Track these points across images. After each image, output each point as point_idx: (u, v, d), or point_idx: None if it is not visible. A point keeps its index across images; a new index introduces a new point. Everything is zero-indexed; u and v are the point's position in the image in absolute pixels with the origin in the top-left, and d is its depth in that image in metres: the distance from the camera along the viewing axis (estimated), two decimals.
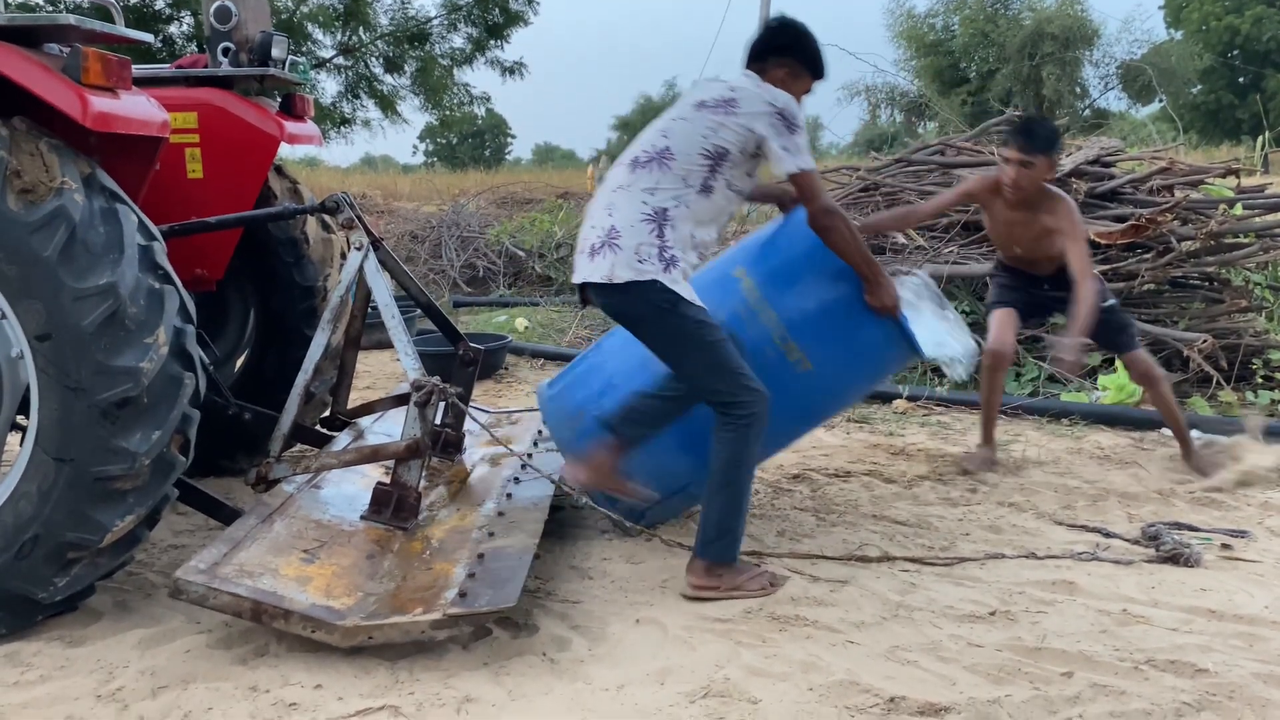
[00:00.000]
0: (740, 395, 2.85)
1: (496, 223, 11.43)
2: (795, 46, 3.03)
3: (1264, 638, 2.76)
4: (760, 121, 2.85)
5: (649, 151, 2.92)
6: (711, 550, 2.94)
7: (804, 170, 2.87)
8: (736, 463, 2.89)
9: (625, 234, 2.85)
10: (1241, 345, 5.32)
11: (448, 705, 2.37)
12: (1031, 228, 4.07)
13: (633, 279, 2.82)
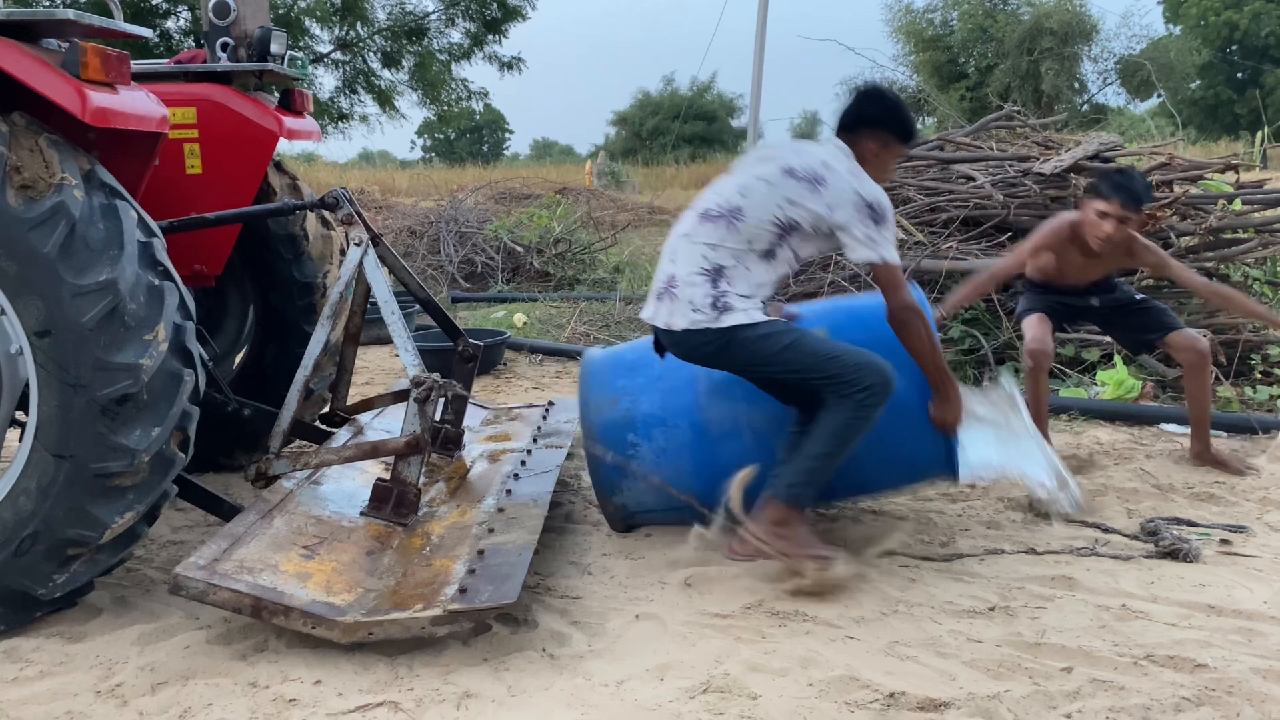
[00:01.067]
0: (847, 374, 2.84)
1: (494, 218, 11.41)
2: (887, 118, 3.04)
3: (1263, 633, 2.76)
4: (843, 211, 2.86)
5: (721, 207, 2.94)
6: (790, 493, 2.94)
7: (886, 262, 2.86)
8: (848, 425, 2.87)
9: (682, 285, 2.93)
10: (1240, 341, 5.32)
11: (447, 701, 2.38)
12: (1105, 268, 4.12)
13: (688, 328, 2.91)
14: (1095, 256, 4.05)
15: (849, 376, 2.84)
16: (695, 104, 41.20)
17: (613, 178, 23.25)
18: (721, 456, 3.23)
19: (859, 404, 2.84)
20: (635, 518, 3.48)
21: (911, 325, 2.92)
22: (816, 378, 2.87)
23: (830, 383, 2.86)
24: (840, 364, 2.85)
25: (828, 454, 2.90)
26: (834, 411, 2.87)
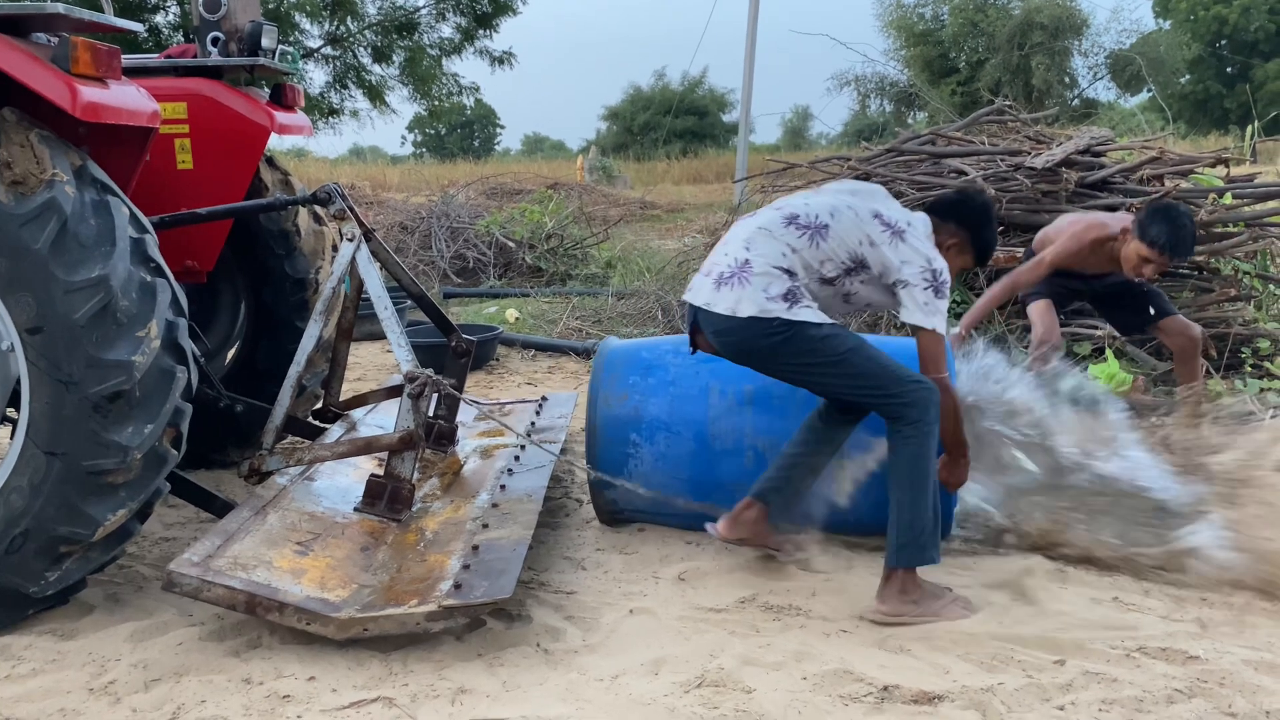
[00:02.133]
0: (900, 389, 2.78)
1: (486, 213, 11.39)
2: (977, 228, 3.04)
3: (1253, 625, 2.78)
4: (911, 269, 2.84)
5: (811, 219, 2.89)
6: (905, 555, 2.80)
7: (934, 330, 2.84)
8: (918, 458, 2.79)
9: (758, 273, 2.82)
10: (1231, 334, 5.34)
11: (442, 697, 2.38)
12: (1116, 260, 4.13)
13: (756, 315, 2.78)
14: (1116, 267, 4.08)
15: (908, 395, 2.78)
16: (687, 99, 41.15)
17: (604, 173, 23.24)
18: (720, 472, 3.25)
19: (917, 425, 2.77)
20: (624, 514, 3.49)
21: (948, 404, 2.88)
22: (872, 389, 2.81)
23: (887, 398, 2.80)
24: (898, 379, 2.80)
25: (916, 494, 2.79)
26: (901, 445, 2.80)
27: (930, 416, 2.78)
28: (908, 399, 2.77)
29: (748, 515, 3.04)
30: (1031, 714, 2.32)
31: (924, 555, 2.80)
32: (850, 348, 2.80)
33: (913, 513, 2.78)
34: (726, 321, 2.82)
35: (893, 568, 2.79)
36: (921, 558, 2.79)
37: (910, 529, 2.78)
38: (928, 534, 2.79)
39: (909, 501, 2.79)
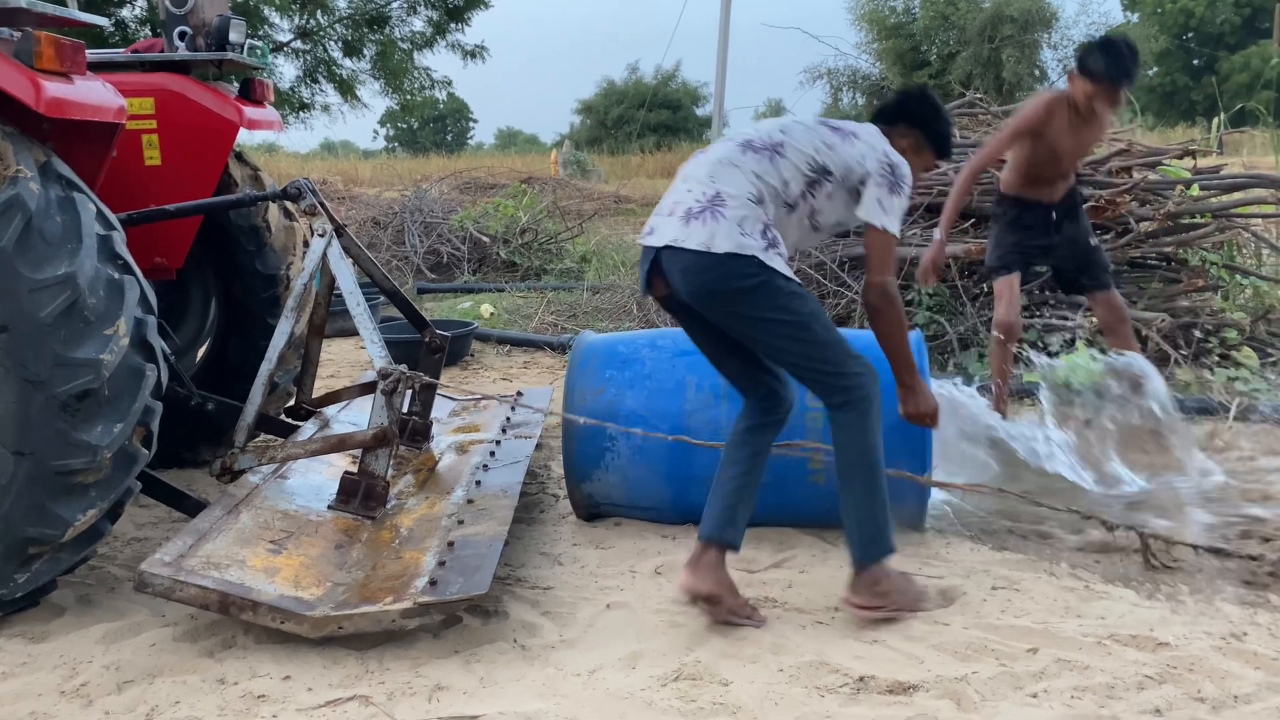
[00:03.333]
0: (849, 367, 2.64)
1: (460, 208, 11.34)
2: (928, 123, 2.89)
3: (1223, 612, 2.81)
4: (871, 162, 2.69)
5: (765, 141, 2.72)
6: (871, 550, 2.71)
7: (886, 230, 2.68)
8: (865, 449, 2.67)
9: (730, 203, 2.61)
10: (1198, 324, 5.41)
11: (419, 694, 2.37)
12: (1094, 129, 4.14)
13: (733, 251, 2.55)
14: (1085, 119, 4.06)
15: (855, 376, 2.65)
16: (660, 92, 41.13)
17: (578, 167, 23.16)
18: (696, 465, 3.24)
19: (861, 410, 2.65)
20: (601, 509, 3.49)
21: (886, 313, 2.72)
22: (821, 361, 2.65)
23: (835, 375, 2.65)
24: (850, 356, 2.66)
25: (870, 486, 2.69)
26: (848, 438, 2.68)
27: (873, 403, 2.66)
28: (853, 380, 2.65)
29: (707, 560, 2.75)
30: (1004, 702, 2.34)
31: (886, 546, 2.73)
32: (812, 311, 2.66)
33: (870, 506, 2.70)
34: (700, 259, 2.58)
35: (861, 563, 2.72)
36: (884, 549, 2.73)
37: (872, 523, 2.70)
38: (884, 524, 2.72)
39: (864, 495, 2.69)
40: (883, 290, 2.70)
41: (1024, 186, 4.26)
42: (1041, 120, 4.12)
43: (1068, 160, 4.21)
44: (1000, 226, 4.38)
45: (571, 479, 3.45)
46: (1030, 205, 4.26)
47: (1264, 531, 3.37)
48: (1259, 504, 3.60)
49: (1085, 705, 2.33)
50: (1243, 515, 3.49)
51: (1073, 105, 4.04)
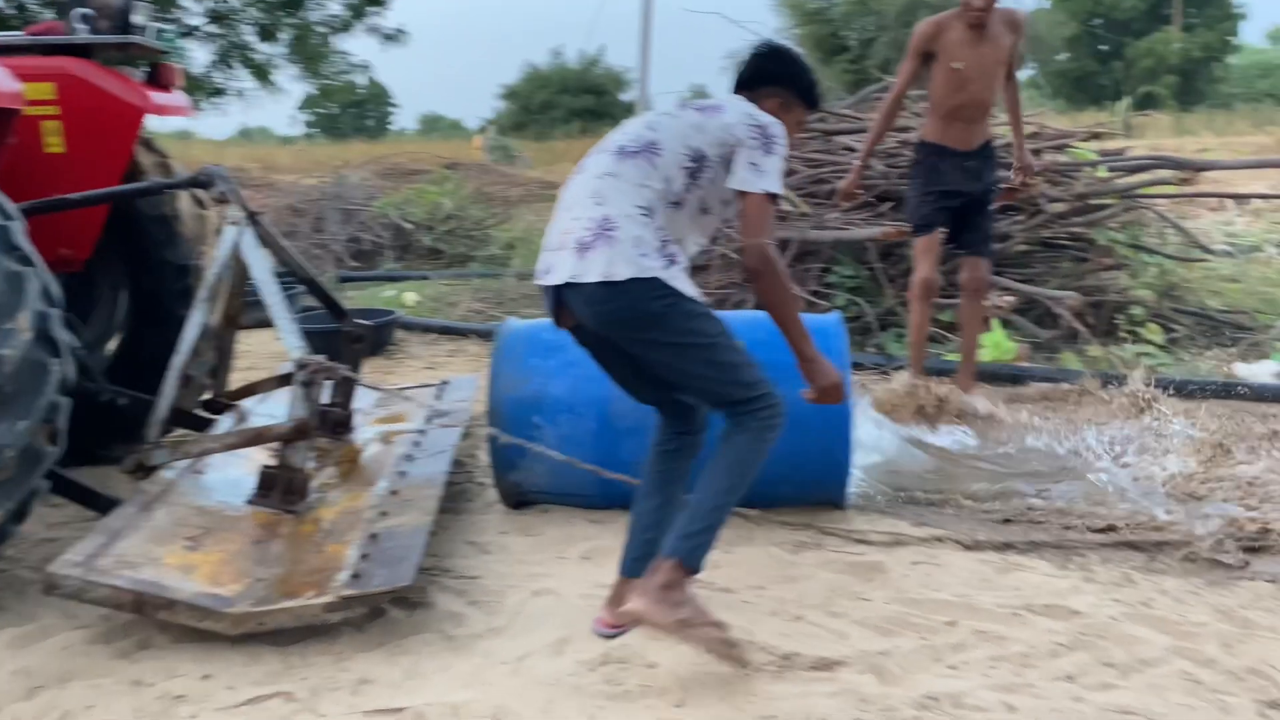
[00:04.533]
0: (757, 391, 2.47)
1: (382, 195, 11.17)
2: (788, 76, 2.75)
3: (1134, 582, 2.92)
4: (740, 128, 2.54)
5: (637, 142, 2.57)
6: (691, 550, 2.44)
7: (765, 192, 2.50)
8: (744, 468, 2.47)
9: (622, 223, 2.44)
10: (1107, 302, 5.58)
11: (343, 688, 2.34)
12: (992, 48, 4.21)
13: (635, 275, 2.39)
14: (979, 32, 4.18)
15: (763, 399, 2.47)
16: (584, 78, 40.96)
17: (503, 152, 22.95)
18: (623, 452, 3.24)
19: (760, 432, 2.47)
20: (528, 496, 3.48)
21: (766, 276, 2.49)
22: (730, 383, 2.48)
23: (744, 399, 2.47)
24: (760, 380, 2.49)
25: (730, 491, 2.48)
26: (741, 441, 2.49)
27: (771, 437, 2.48)
28: (760, 399, 2.47)
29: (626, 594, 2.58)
30: (925, 674, 2.40)
31: (703, 560, 2.45)
32: (721, 332, 2.50)
33: (716, 511, 2.46)
34: (603, 290, 2.41)
35: (670, 557, 2.41)
36: (700, 562, 2.44)
37: (707, 526, 2.44)
38: (711, 540, 2.46)
39: (720, 495, 2.46)
40: (760, 252, 2.48)
41: (942, 130, 4.35)
42: (931, 35, 4.26)
43: (976, 86, 4.26)
44: (919, 178, 4.46)
45: (498, 468, 3.43)
46: (947, 153, 4.36)
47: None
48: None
49: (1001, 674, 2.40)
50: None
51: (966, 20, 4.14)
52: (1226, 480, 3.64)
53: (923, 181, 4.42)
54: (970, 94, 4.27)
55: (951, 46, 4.24)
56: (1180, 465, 3.80)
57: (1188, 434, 4.09)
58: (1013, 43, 4.29)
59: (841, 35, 31.44)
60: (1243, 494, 3.53)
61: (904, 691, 2.32)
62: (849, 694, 2.31)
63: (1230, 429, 4.18)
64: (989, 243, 4.48)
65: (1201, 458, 3.82)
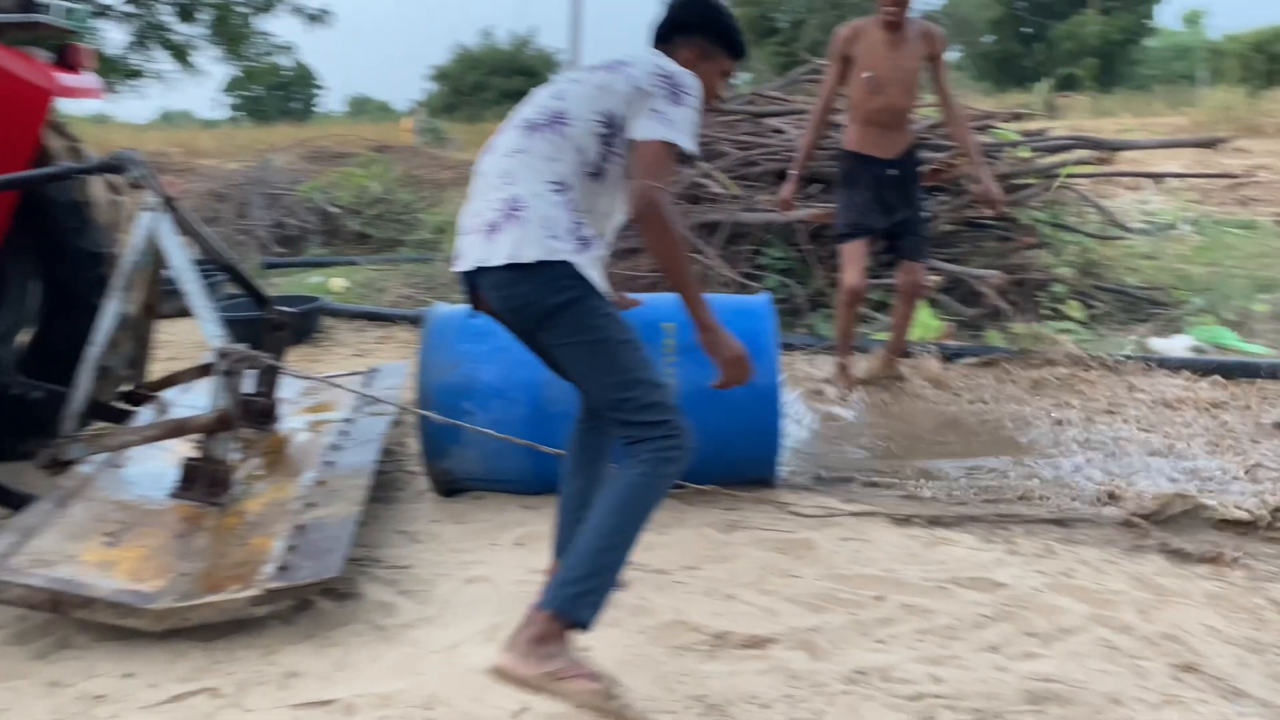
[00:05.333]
0: (655, 415, 2.22)
1: (308, 179, 10.95)
2: (703, 23, 2.56)
3: (1055, 553, 3.00)
4: (646, 79, 2.33)
5: (544, 114, 2.39)
6: (563, 595, 2.14)
7: (665, 141, 2.25)
8: (634, 505, 2.19)
9: (531, 203, 2.26)
10: (1029, 280, 5.71)
11: (270, 682, 2.30)
12: (907, 54, 4.24)
13: (543, 258, 2.21)
14: (894, 35, 4.23)
15: (658, 423, 2.22)
16: (516, 59, 40.57)
17: (434, 135, 22.66)
18: (557, 437, 3.21)
19: (654, 465, 2.20)
20: (460, 484, 3.45)
21: (655, 220, 2.21)
22: (632, 398, 2.24)
23: (643, 421, 2.23)
24: (666, 403, 2.25)
25: (620, 531, 2.18)
26: (623, 475, 2.23)
27: (670, 469, 2.22)
28: (660, 425, 2.22)
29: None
30: (853, 649, 2.44)
31: (583, 611, 2.15)
32: (624, 339, 2.29)
33: (600, 555, 2.16)
34: (508, 273, 2.26)
35: (544, 608, 2.14)
36: (580, 612, 2.14)
37: (589, 573, 2.15)
38: (602, 590, 2.16)
39: (604, 538, 2.17)
40: (648, 195, 2.22)
41: (862, 139, 4.38)
42: (849, 38, 4.32)
43: (893, 90, 4.29)
44: (844, 188, 4.50)
45: (428, 455, 3.39)
46: (869, 161, 4.40)
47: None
48: None
49: (928, 647, 2.45)
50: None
51: (882, 22, 4.19)
52: (1150, 453, 3.76)
53: (847, 190, 4.47)
54: (887, 98, 4.31)
55: (867, 51, 4.28)
56: (1109, 436, 3.91)
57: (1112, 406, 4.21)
58: (930, 53, 4.31)
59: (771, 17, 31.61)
60: (1159, 463, 3.65)
61: (833, 666, 2.35)
62: (779, 671, 2.34)
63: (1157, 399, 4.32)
64: (924, 247, 4.54)
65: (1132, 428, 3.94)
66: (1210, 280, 6.37)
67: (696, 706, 2.20)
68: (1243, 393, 4.56)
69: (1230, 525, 3.15)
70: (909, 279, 4.46)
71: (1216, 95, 20.41)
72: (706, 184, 6.25)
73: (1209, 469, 3.66)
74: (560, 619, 2.12)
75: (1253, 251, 7.45)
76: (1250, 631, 2.52)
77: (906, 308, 4.54)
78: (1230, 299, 5.94)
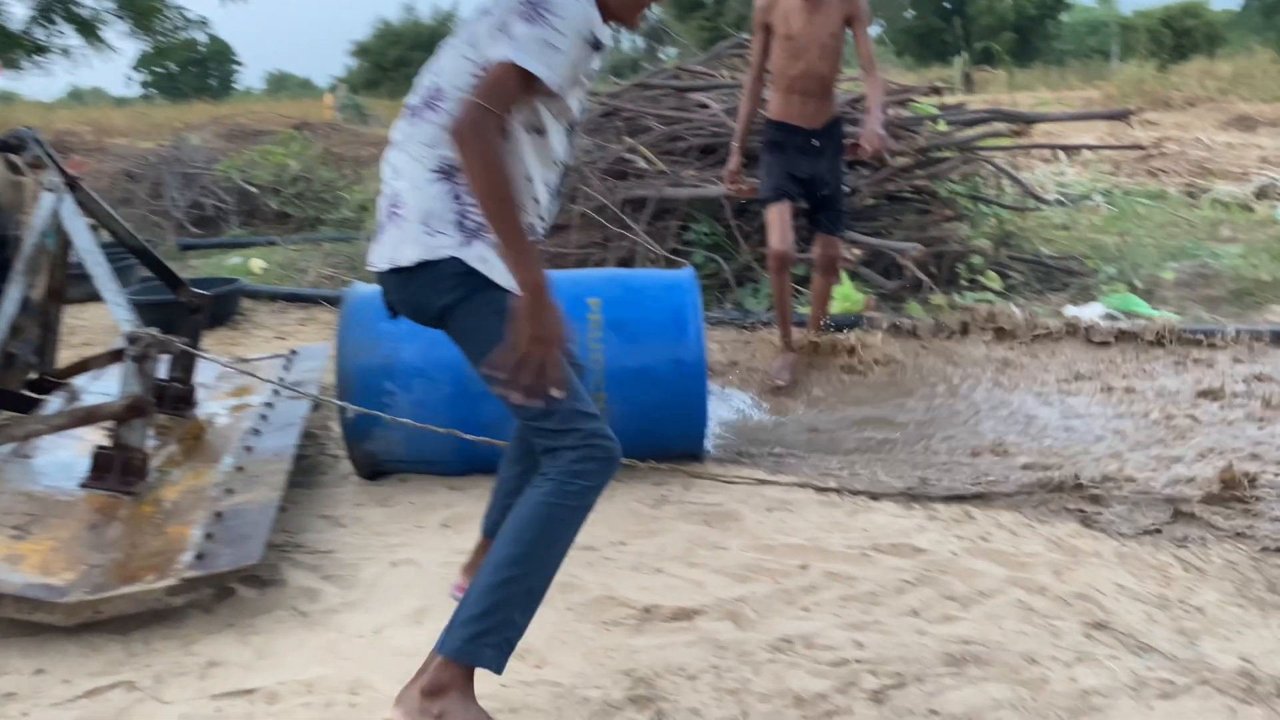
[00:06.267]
0: (565, 420, 1.97)
1: (225, 157, 10.65)
2: None
3: (973, 518, 3.07)
4: (504, 10, 2.00)
5: (421, 96, 2.14)
6: (458, 636, 1.91)
7: (506, 62, 1.91)
8: (540, 530, 1.94)
9: (410, 199, 2.05)
10: (948, 252, 5.81)
11: (189, 673, 2.26)
12: (825, 18, 4.23)
13: (423, 259, 2.00)
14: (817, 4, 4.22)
15: (567, 425, 1.97)
16: (439, 34, 39.92)
17: (356, 111, 22.20)
18: (481, 415, 3.19)
19: (563, 482, 1.95)
20: (384, 466, 3.41)
21: (473, 140, 1.88)
22: (539, 417, 1.98)
23: (542, 429, 1.99)
24: (573, 411, 1.98)
25: (517, 560, 1.93)
26: (531, 495, 1.99)
27: (589, 480, 1.97)
28: (570, 441, 1.97)
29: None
30: (779, 618, 2.47)
31: (489, 655, 1.91)
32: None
33: (497, 589, 1.91)
34: (395, 276, 2.07)
35: (439, 652, 1.93)
36: (482, 656, 1.91)
37: (486, 610, 1.91)
38: (510, 634, 1.93)
39: (502, 568, 1.92)
40: (469, 116, 1.89)
41: (785, 108, 4.38)
42: (767, 6, 4.32)
43: (812, 56, 4.28)
44: (767, 155, 4.51)
45: (350, 438, 3.34)
46: (792, 130, 4.41)
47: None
48: None
49: (851, 613, 2.49)
50: None
51: None
52: (1065, 416, 3.87)
53: (769, 159, 4.47)
54: (806, 64, 4.30)
55: (785, 16, 4.29)
56: (1027, 402, 4.01)
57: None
58: (848, 14, 4.29)
59: None
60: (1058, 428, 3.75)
61: (759, 636, 2.39)
62: (706, 642, 2.36)
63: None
64: (842, 220, 4.56)
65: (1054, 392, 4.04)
66: (1122, 249, 6.56)
67: (625, 681, 2.22)
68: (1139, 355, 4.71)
69: (1147, 482, 3.25)
70: (825, 252, 4.50)
71: (1128, 69, 20.97)
72: (632, 159, 6.23)
73: (1126, 433, 3.77)
74: (454, 664, 1.91)
75: (1161, 221, 7.68)
76: (1158, 588, 2.61)
77: (824, 281, 4.58)
78: (1140, 267, 6.12)
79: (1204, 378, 4.36)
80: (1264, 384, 4.23)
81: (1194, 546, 2.83)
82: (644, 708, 2.12)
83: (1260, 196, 8.62)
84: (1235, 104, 16.05)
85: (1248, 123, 13.80)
